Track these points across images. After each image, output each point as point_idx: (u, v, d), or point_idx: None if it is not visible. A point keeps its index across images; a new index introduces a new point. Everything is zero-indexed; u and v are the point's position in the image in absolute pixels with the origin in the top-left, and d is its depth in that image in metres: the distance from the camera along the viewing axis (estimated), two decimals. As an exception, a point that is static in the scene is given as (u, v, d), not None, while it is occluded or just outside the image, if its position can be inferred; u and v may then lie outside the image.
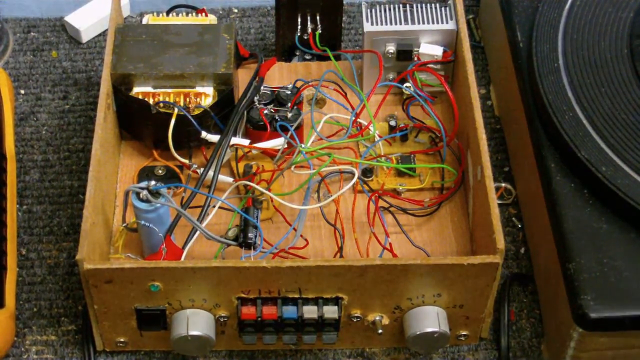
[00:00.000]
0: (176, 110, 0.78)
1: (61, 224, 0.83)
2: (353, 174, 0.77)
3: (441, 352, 0.76)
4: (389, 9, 0.84)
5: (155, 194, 0.70)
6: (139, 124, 0.81)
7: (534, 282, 0.80)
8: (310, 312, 0.70)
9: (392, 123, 0.83)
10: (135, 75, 0.79)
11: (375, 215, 0.76)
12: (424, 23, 0.83)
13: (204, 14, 0.86)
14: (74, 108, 0.91)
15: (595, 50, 0.79)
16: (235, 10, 0.99)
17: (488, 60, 0.95)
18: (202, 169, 0.78)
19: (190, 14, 0.87)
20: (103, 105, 0.76)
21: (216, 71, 0.79)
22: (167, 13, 0.88)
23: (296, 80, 0.83)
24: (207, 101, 0.79)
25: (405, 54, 0.83)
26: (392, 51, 0.83)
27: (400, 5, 0.84)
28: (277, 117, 0.80)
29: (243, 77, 0.85)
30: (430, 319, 0.71)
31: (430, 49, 0.83)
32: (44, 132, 0.89)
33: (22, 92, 0.92)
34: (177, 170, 0.81)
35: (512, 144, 0.86)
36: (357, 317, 0.72)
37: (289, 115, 0.80)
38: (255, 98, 0.81)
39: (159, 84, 0.80)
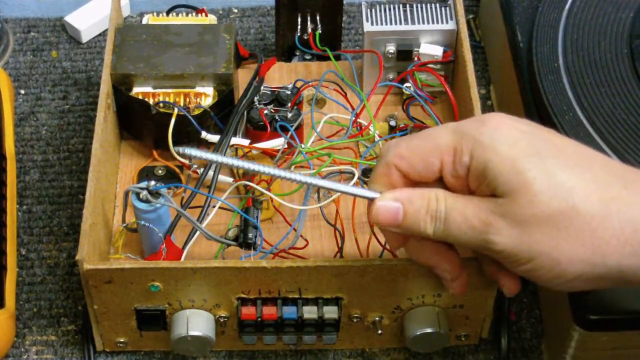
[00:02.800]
0: (176, 110, 0.78)
1: (61, 224, 0.83)
2: (353, 174, 0.76)
3: (441, 353, 0.76)
4: (389, 9, 0.83)
5: (155, 194, 0.70)
6: (139, 124, 0.81)
7: (534, 282, 0.79)
8: (310, 312, 0.70)
9: (392, 123, 0.83)
10: (135, 75, 0.79)
11: (375, 216, 0.76)
12: (424, 23, 0.83)
13: (204, 14, 0.86)
14: (73, 108, 0.91)
15: (595, 50, 0.79)
16: (235, 10, 0.99)
17: (488, 60, 0.95)
18: (202, 169, 0.78)
19: (190, 14, 0.87)
20: (103, 105, 0.76)
21: (216, 71, 0.79)
22: (167, 13, 0.88)
23: (296, 80, 0.83)
24: (207, 101, 0.79)
25: (405, 54, 0.83)
26: (392, 51, 0.83)
27: (400, 5, 0.84)
28: (277, 117, 0.80)
29: (243, 77, 0.85)
30: (430, 319, 0.71)
31: (430, 49, 0.83)
32: (43, 132, 0.89)
33: (22, 92, 0.92)
34: (177, 170, 0.81)
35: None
36: (357, 317, 0.72)
37: (289, 115, 0.80)
38: (255, 98, 0.81)
39: (159, 84, 0.80)
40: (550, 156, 0.56)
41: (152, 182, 0.70)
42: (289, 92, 0.81)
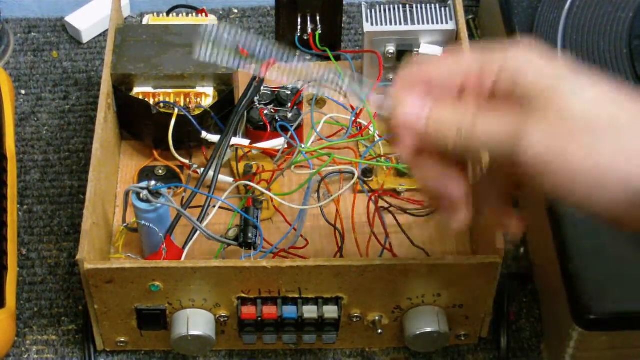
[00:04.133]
0: (176, 110, 0.78)
1: (61, 224, 0.83)
2: (353, 174, 0.77)
3: (441, 352, 0.76)
4: (389, 9, 0.84)
5: (156, 194, 0.70)
6: (139, 124, 0.81)
7: (533, 282, 0.80)
8: (310, 312, 0.70)
9: (392, 123, 0.83)
10: (136, 75, 0.79)
11: (375, 215, 0.76)
12: (424, 23, 0.83)
13: (204, 14, 0.87)
14: (74, 108, 0.91)
15: (595, 50, 0.79)
16: (235, 11, 0.99)
17: (488, 60, 0.94)
18: (202, 169, 0.78)
19: (190, 15, 0.87)
20: (103, 105, 0.76)
21: (216, 71, 0.79)
22: (167, 13, 0.88)
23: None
24: (208, 101, 0.80)
25: (405, 54, 0.83)
26: (392, 51, 0.83)
27: (400, 6, 0.84)
28: (277, 117, 0.80)
29: (243, 77, 0.85)
30: (430, 319, 0.71)
31: (430, 49, 0.83)
32: (44, 132, 0.89)
33: (23, 92, 0.92)
34: (178, 170, 0.81)
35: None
36: (357, 317, 0.72)
37: (289, 115, 0.80)
38: (255, 98, 0.81)
39: (160, 84, 0.80)
40: (584, 75, 0.53)
41: (153, 182, 0.71)
42: (289, 92, 0.81)
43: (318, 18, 0.87)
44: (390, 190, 0.80)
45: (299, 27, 0.87)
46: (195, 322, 0.71)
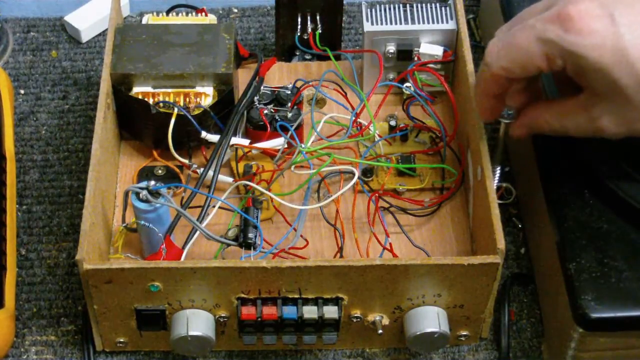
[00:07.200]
0: (176, 110, 0.78)
1: (61, 224, 0.83)
2: (353, 174, 0.76)
3: (441, 352, 0.76)
4: (389, 9, 0.83)
5: (155, 194, 0.70)
6: (138, 124, 0.81)
7: (534, 282, 0.80)
8: (310, 312, 0.70)
9: (392, 123, 0.83)
10: (135, 75, 0.79)
11: (375, 215, 0.76)
12: (424, 23, 0.83)
13: (203, 13, 0.86)
14: (73, 108, 0.91)
15: (595, 50, 0.79)
16: (235, 10, 0.99)
17: (488, 60, 0.94)
18: (202, 169, 0.78)
19: (190, 14, 0.87)
20: (103, 105, 0.76)
21: (216, 71, 0.79)
22: (167, 13, 0.88)
23: (296, 80, 0.83)
24: (207, 101, 0.79)
25: (405, 54, 0.83)
26: (392, 51, 0.83)
27: (400, 5, 0.84)
28: (277, 117, 0.80)
29: (243, 77, 0.85)
30: (430, 319, 0.71)
31: (430, 49, 0.83)
32: (43, 132, 0.89)
33: (22, 92, 0.92)
34: (177, 170, 0.81)
35: (512, 144, 0.86)
36: (357, 317, 0.72)
37: (289, 115, 0.80)
38: (255, 98, 0.81)
39: (159, 83, 0.80)
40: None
41: (152, 182, 0.71)
42: (289, 92, 0.81)
43: (318, 18, 0.87)
44: (390, 190, 0.80)
45: (299, 27, 0.87)
46: (195, 323, 0.70)
